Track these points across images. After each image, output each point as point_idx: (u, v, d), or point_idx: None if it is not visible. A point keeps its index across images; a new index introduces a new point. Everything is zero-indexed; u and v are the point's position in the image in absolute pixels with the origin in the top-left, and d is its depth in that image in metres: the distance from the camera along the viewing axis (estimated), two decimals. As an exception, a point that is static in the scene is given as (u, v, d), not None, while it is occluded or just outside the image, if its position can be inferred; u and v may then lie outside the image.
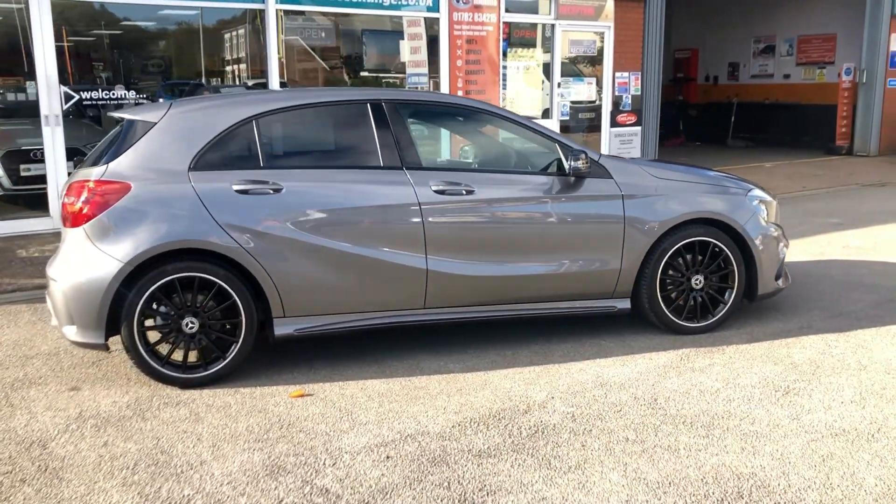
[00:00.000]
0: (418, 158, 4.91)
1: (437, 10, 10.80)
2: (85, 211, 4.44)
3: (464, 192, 4.87)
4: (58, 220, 8.72)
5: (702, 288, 5.32)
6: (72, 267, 4.45)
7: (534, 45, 12.11)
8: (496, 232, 4.96)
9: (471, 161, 5.62)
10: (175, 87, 11.66)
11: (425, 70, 10.98)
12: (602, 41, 12.49)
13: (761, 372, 4.62)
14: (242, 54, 12.28)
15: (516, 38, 11.87)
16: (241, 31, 12.25)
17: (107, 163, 4.55)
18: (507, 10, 11.36)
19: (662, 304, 5.24)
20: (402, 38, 10.93)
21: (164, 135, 4.61)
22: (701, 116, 19.87)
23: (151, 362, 4.49)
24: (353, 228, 4.70)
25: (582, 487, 3.32)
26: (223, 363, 4.58)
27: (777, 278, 5.56)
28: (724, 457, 3.56)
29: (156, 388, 4.54)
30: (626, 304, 5.25)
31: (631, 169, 5.24)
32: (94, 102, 9.21)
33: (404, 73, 11.01)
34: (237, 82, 12.71)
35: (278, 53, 9.86)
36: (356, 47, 11.70)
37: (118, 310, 4.42)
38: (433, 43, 11.02)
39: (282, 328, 4.67)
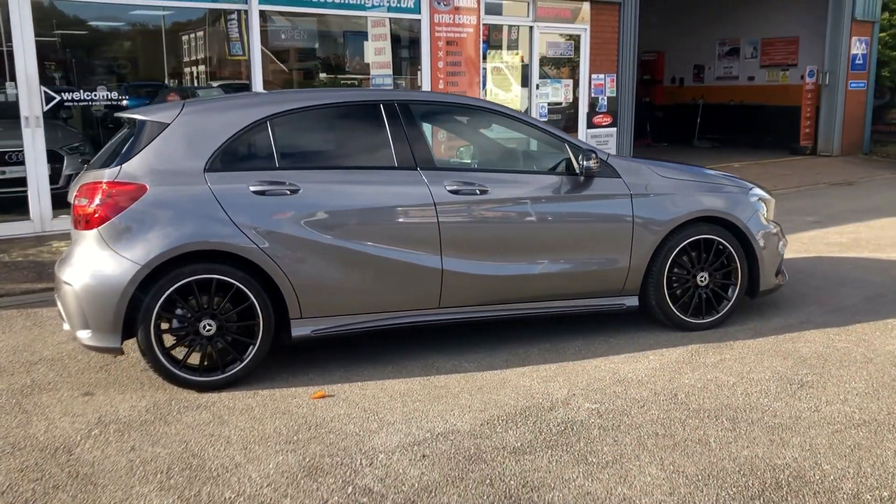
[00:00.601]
0: (431, 158, 4.93)
1: (419, 12, 10.81)
2: (99, 213, 4.37)
3: (478, 191, 4.89)
4: (39, 223, 8.56)
5: (706, 285, 5.42)
6: (86, 270, 4.37)
7: (512, 47, 12.18)
8: (509, 231, 5.00)
9: (471, 161, 5.63)
10: (140, 89, 11.56)
11: (389, 71, 10.97)
12: (578, 43, 12.61)
13: (772, 366, 4.72)
14: (204, 55, 12.24)
15: (495, 39, 11.93)
16: (201, 33, 12.20)
17: (120, 164, 4.48)
18: (486, 13, 11.42)
19: (669, 301, 5.32)
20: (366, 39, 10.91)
21: (178, 136, 4.56)
22: (667, 118, 20.17)
23: (169, 366, 4.43)
24: (370, 229, 4.70)
25: (623, 481, 3.36)
26: (241, 365, 4.54)
27: (776, 275, 5.69)
28: (755, 449, 3.64)
29: (172, 391, 4.49)
30: (634, 301, 5.33)
31: (638, 168, 5.32)
32: (75, 103, 9.04)
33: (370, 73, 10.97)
34: (197, 83, 12.65)
35: (261, 54, 9.76)
36: (334, 48, 11.67)
37: (134, 313, 4.36)
38: (414, 44, 11.04)
39: (299, 329, 4.65)
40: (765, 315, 5.74)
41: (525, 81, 12.20)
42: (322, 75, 11.55)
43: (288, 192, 4.58)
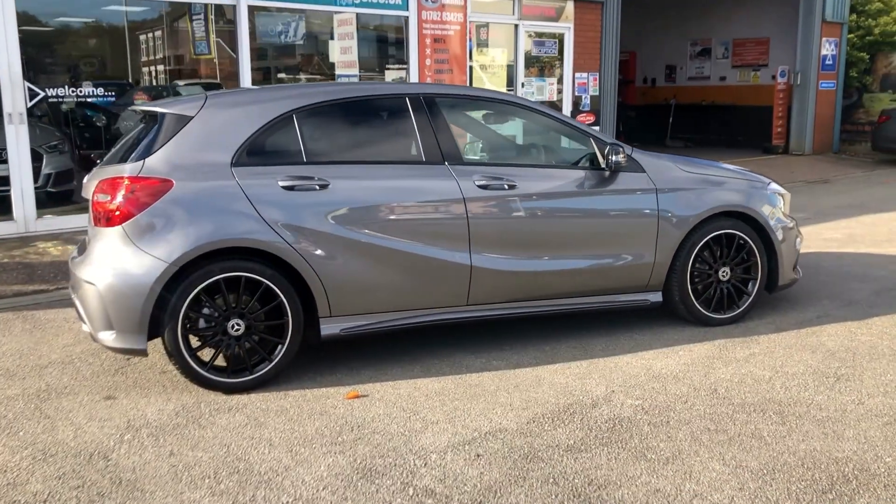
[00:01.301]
0: (459, 153, 4.84)
1: (407, 9, 10.71)
2: (123, 209, 4.20)
3: (506, 186, 4.82)
4: (23, 223, 8.28)
5: (728, 280, 5.41)
6: (110, 268, 4.19)
7: (498, 45, 12.13)
8: (538, 226, 4.92)
9: (495, 155, 5.55)
10: (106, 87, 11.33)
11: (356, 71, 10.82)
12: (563, 42, 12.61)
13: (802, 360, 4.72)
14: (168, 54, 12.05)
15: (481, 37, 11.87)
16: (161, 32, 12.01)
17: (142, 158, 4.31)
18: (472, 10, 11.35)
19: (692, 297, 5.30)
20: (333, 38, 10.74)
21: (203, 129, 4.41)
22: (639, 118, 20.31)
23: (196, 367, 4.27)
24: (400, 225, 4.59)
25: (688, 477, 3.31)
26: (270, 366, 4.40)
27: (792, 269, 5.71)
28: (811, 442, 3.61)
29: (198, 394, 4.33)
30: (658, 297, 5.29)
31: (662, 163, 5.29)
32: (60, 100, 8.76)
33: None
34: (166, 82, 12.43)
35: (249, 50, 9.57)
36: (314, 46, 11.51)
37: (159, 313, 4.19)
38: (402, 42, 10.93)
39: (328, 328, 4.52)
40: (780, 310, 5.75)
41: (510, 80, 12.16)
42: (282, 74, 11.34)
43: (317, 188, 4.45)
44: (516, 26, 11.98)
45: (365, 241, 4.50)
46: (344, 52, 10.74)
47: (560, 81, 12.72)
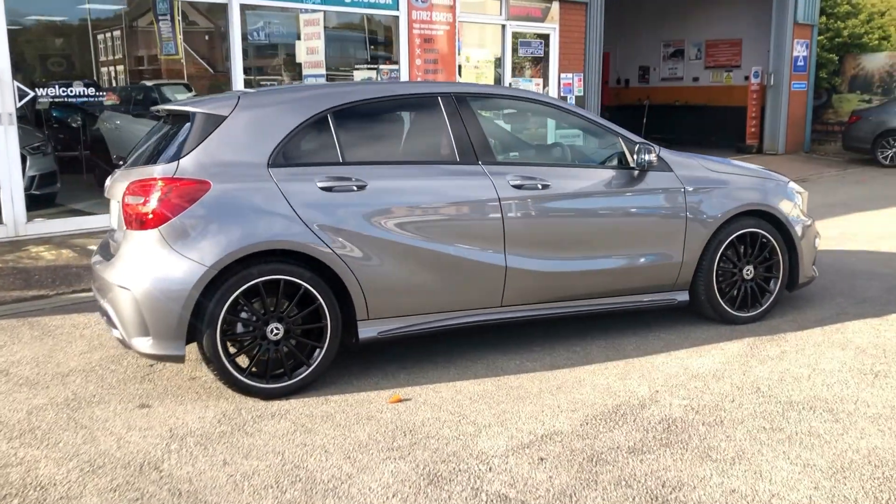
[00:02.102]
0: (492, 152, 4.79)
1: (397, 9, 10.62)
2: (158, 211, 4.07)
3: (539, 186, 4.78)
4: (13, 227, 8.04)
5: (752, 278, 5.43)
6: (146, 273, 4.06)
7: (486, 45, 12.11)
8: (571, 227, 4.90)
9: (525, 154, 5.50)
10: (98, 88, 11.16)
11: (323, 71, 10.67)
12: (548, 43, 12.63)
13: (836, 357, 4.75)
14: (130, 54, 11.88)
15: (469, 37, 11.83)
16: (120, 32, 11.83)
17: (176, 159, 4.19)
18: (461, 10, 11.31)
19: (718, 296, 5.32)
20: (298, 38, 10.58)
21: (237, 129, 4.30)
22: (613, 118, 20.38)
23: (235, 373, 4.16)
24: (437, 225, 4.53)
25: (761, 477, 3.30)
26: (308, 370, 4.30)
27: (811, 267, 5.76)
28: (870, 440, 3.63)
29: (236, 400, 4.22)
30: (685, 296, 5.30)
31: (689, 162, 5.30)
32: (51, 100, 8.52)
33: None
34: (114, 83, 12.24)
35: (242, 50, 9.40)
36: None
37: (197, 318, 4.08)
38: (392, 41, 10.85)
39: (365, 331, 4.44)
40: (798, 308, 5.80)
41: (498, 80, 12.14)
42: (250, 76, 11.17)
43: (355, 188, 4.37)
44: (504, 26, 11.96)
45: (402, 243, 4.43)
46: (311, 53, 10.54)
47: (546, 82, 12.74)
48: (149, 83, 12.18)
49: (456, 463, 3.48)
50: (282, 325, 4.23)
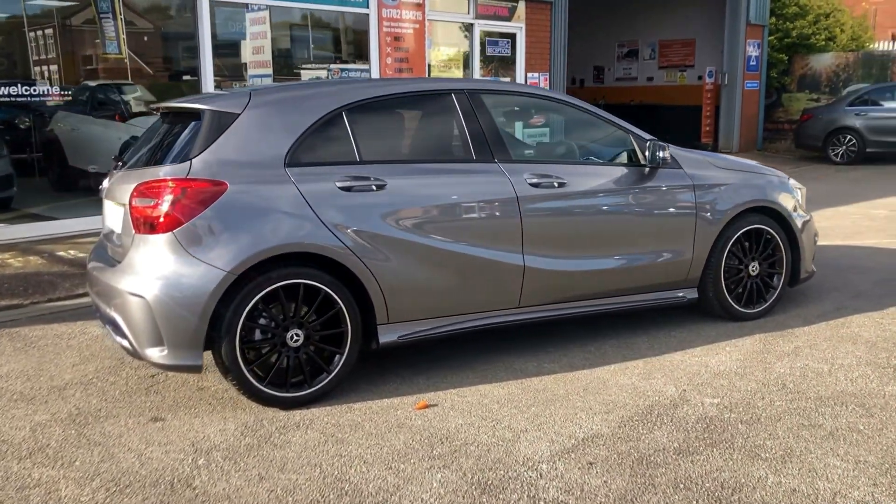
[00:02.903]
0: (507, 150, 4.69)
1: (367, 7, 10.46)
2: (172, 214, 3.86)
3: (555, 184, 4.69)
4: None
5: (757, 274, 5.44)
6: (160, 279, 3.84)
7: (455, 44, 12.02)
8: (587, 225, 4.83)
9: (538, 151, 5.41)
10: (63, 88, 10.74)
11: (270, 71, 10.47)
12: (515, 42, 12.60)
13: (849, 352, 4.77)
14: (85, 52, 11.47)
15: (438, 35, 11.73)
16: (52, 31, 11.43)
17: (188, 159, 3.98)
18: (430, 9, 11.19)
19: (726, 292, 5.31)
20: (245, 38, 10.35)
21: (251, 127, 4.11)
22: (569, 118, 20.51)
23: (255, 383, 3.97)
24: (456, 225, 4.41)
25: (816, 475, 3.26)
26: (329, 378, 4.14)
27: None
28: (911, 433, 3.64)
29: (254, 411, 4.03)
30: (693, 293, 5.28)
31: (697, 160, 5.28)
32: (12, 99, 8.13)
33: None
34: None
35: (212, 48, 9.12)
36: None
37: (215, 325, 3.88)
38: (363, 39, 10.67)
39: (386, 335, 4.30)
40: (798, 303, 5.83)
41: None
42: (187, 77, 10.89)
43: (374, 188, 4.22)
44: (471, 25, 11.89)
45: (422, 243, 4.30)
46: (256, 53, 10.26)
47: (514, 81, 12.70)
48: (109, 82, 11.75)
49: (503, 470, 3.37)
50: (301, 331, 4.05)
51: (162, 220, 3.88)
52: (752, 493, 3.13)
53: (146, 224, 3.93)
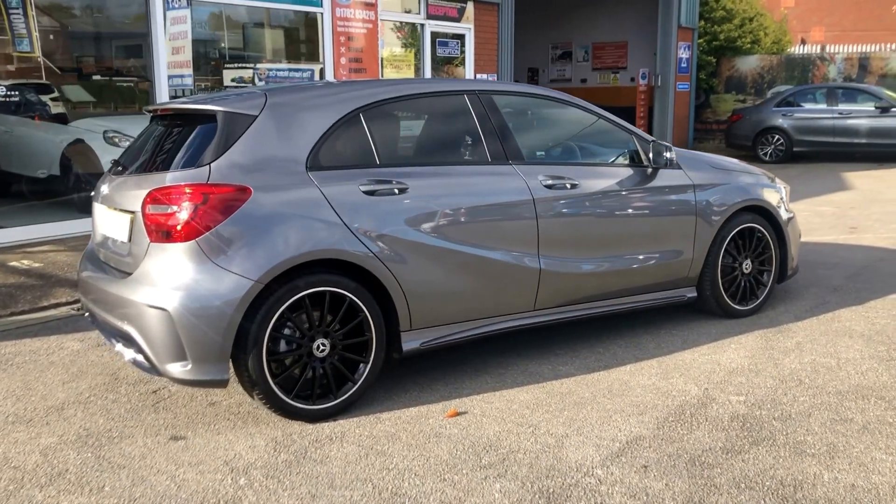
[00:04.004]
0: (521, 151, 4.64)
1: (321, 6, 10.25)
2: (194, 221, 3.67)
3: (567, 185, 4.67)
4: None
5: (749, 272, 5.55)
6: (183, 290, 3.64)
7: (406, 45, 11.92)
8: (598, 226, 4.82)
9: (546, 153, 5.36)
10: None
11: (190, 71, 10.18)
12: (464, 43, 12.58)
13: (849, 346, 4.90)
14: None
15: (390, 36, 11.61)
16: None
17: (204, 163, 3.79)
18: (382, 9, 11.07)
19: (722, 290, 5.39)
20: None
21: (269, 129, 3.94)
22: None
23: (282, 396, 3.81)
24: (477, 229, 4.33)
25: (868, 469, 3.31)
26: (354, 388, 4.00)
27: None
28: (940, 424, 3.75)
29: (278, 425, 3.87)
30: (693, 292, 5.34)
31: (695, 159, 5.35)
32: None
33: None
34: None
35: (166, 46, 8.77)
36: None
37: (240, 337, 3.70)
38: (316, 39, 10.47)
39: (409, 343, 4.19)
40: (783, 299, 5.96)
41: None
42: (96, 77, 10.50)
43: (396, 192, 4.11)
44: (423, 25, 11.81)
45: (443, 248, 4.21)
46: (176, 53, 9.91)
47: (463, 82, 12.67)
48: (40, 82, 11.17)
49: (560, 477, 3.31)
50: (327, 341, 3.91)
51: (181, 227, 3.68)
52: (813, 490, 3.16)
53: (163, 232, 3.72)
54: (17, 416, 4.09)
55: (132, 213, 3.93)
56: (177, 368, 3.68)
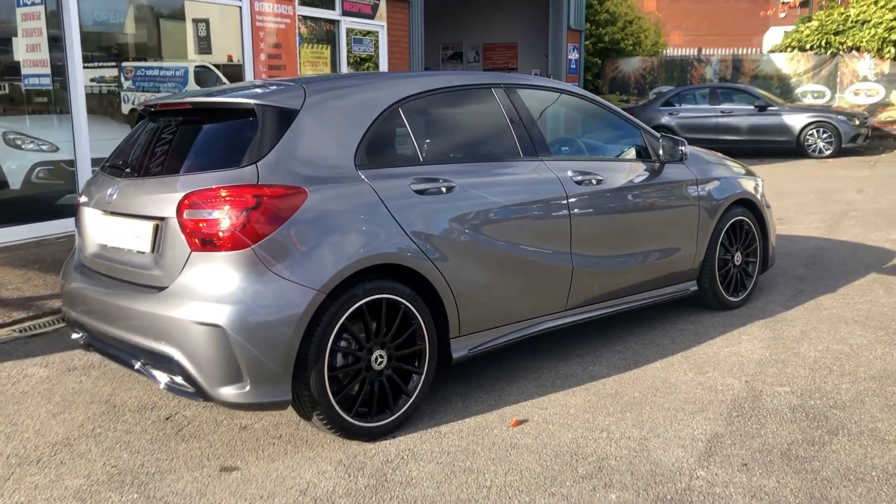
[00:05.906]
0: (548, 146, 4.50)
1: (240, 0, 9.73)
2: (247, 227, 3.29)
3: (594, 181, 4.57)
4: None
5: (740, 264, 5.64)
6: (239, 303, 3.25)
7: (323, 42, 11.51)
8: (622, 222, 4.74)
9: (567, 149, 5.22)
10: None
11: (47, 70, 9.51)
12: (378, 41, 12.31)
13: (852, 332, 5.04)
14: None
15: (307, 32, 11.18)
16: None
17: (253, 162, 3.42)
18: (300, 4, 10.64)
19: (718, 282, 5.45)
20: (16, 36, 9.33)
21: (314, 125, 3.61)
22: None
23: (343, 414, 3.50)
24: (519, 227, 4.16)
25: (952, 452, 3.39)
26: (410, 401, 3.73)
27: (771, 250, 6.12)
28: None
29: (335, 446, 3.55)
30: (695, 286, 5.36)
31: (694, 154, 5.37)
32: None
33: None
34: None
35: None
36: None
37: (302, 353, 3.37)
38: (234, 33, 9.93)
39: (458, 350, 3.96)
40: (762, 289, 6.10)
41: (334, 78, 11.61)
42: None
43: (444, 190, 3.87)
44: (339, 22, 11.45)
45: (488, 248, 4.01)
46: (31, 51, 9.16)
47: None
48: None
49: (670, 483, 3.19)
50: (385, 352, 3.63)
51: (231, 234, 3.29)
52: (864, 486, 3.18)
53: (207, 240, 3.32)
54: (20, 456, 3.56)
55: (158, 219, 3.49)
56: (231, 392, 3.29)
